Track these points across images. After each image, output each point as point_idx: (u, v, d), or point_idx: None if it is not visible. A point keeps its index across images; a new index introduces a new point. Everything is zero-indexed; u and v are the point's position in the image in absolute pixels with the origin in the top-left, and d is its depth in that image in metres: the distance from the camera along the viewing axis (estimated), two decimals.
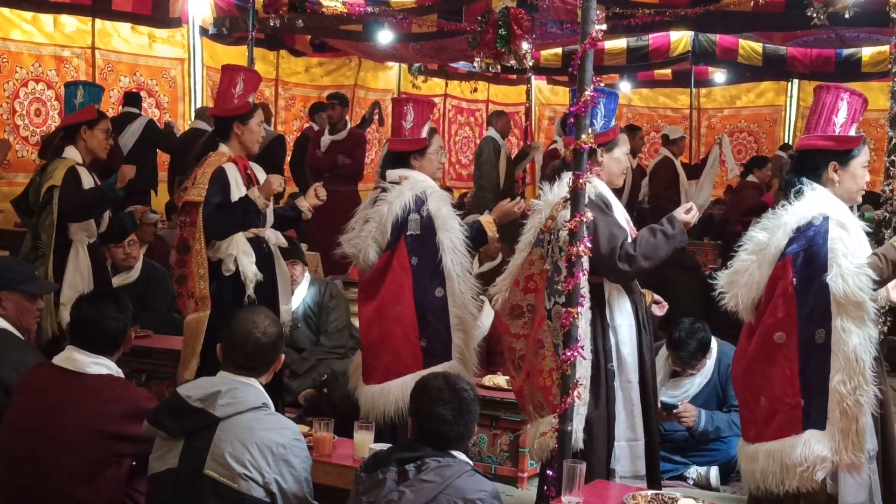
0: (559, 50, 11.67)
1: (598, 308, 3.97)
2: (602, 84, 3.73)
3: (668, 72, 13.34)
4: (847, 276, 3.30)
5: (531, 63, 8.82)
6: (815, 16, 6.12)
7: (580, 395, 3.63)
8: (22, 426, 3.42)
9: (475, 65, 7.30)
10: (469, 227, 4.57)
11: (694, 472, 5.22)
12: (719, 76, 13.33)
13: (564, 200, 3.74)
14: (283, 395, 5.42)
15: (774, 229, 3.46)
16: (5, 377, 3.64)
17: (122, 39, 9.69)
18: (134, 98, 9.20)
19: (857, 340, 3.30)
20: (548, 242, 3.92)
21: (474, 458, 4.88)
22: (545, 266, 3.91)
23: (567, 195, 3.67)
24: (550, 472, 3.60)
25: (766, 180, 9.63)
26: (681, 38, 11.38)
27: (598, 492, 3.58)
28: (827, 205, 3.44)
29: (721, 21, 8.20)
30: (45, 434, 3.36)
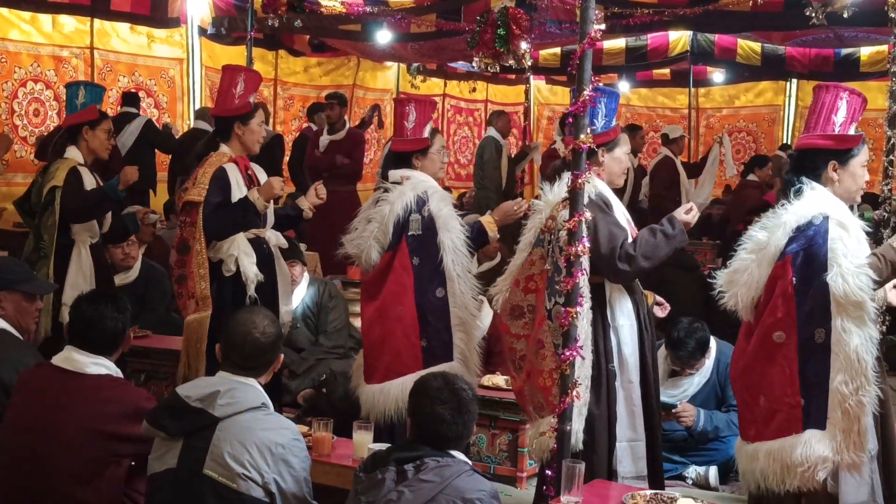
0: (558, 50, 11.68)
1: (600, 308, 3.97)
2: (601, 84, 3.73)
3: (666, 71, 13.34)
4: (847, 275, 3.29)
5: (530, 63, 8.81)
6: (813, 15, 6.12)
7: (579, 395, 3.63)
8: (21, 426, 3.42)
9: (474, 65, 7.29)
10: (470, 228, 4.57)
11: (693, 471, 5.22)
12: (718, 76, 13.32)
13: (564, 200, 3.74)
14: (281, 395, 5.41)
15: (774, 228, 3.45)
16: (5, 377, 3.65)
17: (120, 39, 9.67)
18: (132, 98, 9.20)
19: (859, 341, 3.30)
20: (548, 242, 3.91)
21: (473, 458, 4.88)
22: (545, 266, 3.90)
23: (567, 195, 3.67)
24: (549, 472, 3.59)
25: (766, 179, 9.62)
26: (679, 38, 11.38)
27: (598, 492, 3.57)
28: (827, 204, 3.44)
29: (720, 21, 8.20)
30: (45, 434, 3.36)
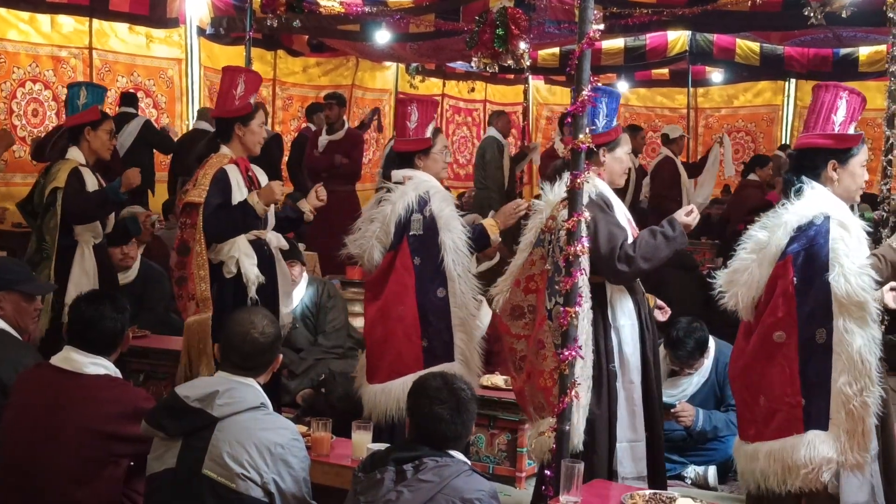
0: (557, 50, 11.68)
1: (600, 308, 3.96)
2: (600, 84, 3.73)
3: (665, 71, 13.34)
4: (850, 275, 3.28)
5: (529, 63, 8.82)
6: (812, 15, 6.13)
7: (578, 395, 3.62)
8: (20, 427, 3.42)
9: (473, 65, 7.28)
10: (472, 230, 4.58)
11: (692, 471, 5.22)
12: (717, 76, 13.32)
13: (564, 200, 3.74)
14: (280, 395, 5.41)
15: (775, 228, 3.44)
16: (4, 377, 3.64)
17: (119, 40, 9.67)
18: (130, 98, 9.20)
19: (862, 341, 3.28)
20: (548, 242, 3.91)
21: (472, 458, 4.88)
22: (546, 266, 3.90)
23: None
24: (548, 472, 3.59)
25: (767, 179, 9.60)
26: (678, 38, 11.38)
27: (597, 491, 3.57)
28: (827, 204, 3.42)
29: (718, 21, 8.20)
30: (44, 434, 3.35)
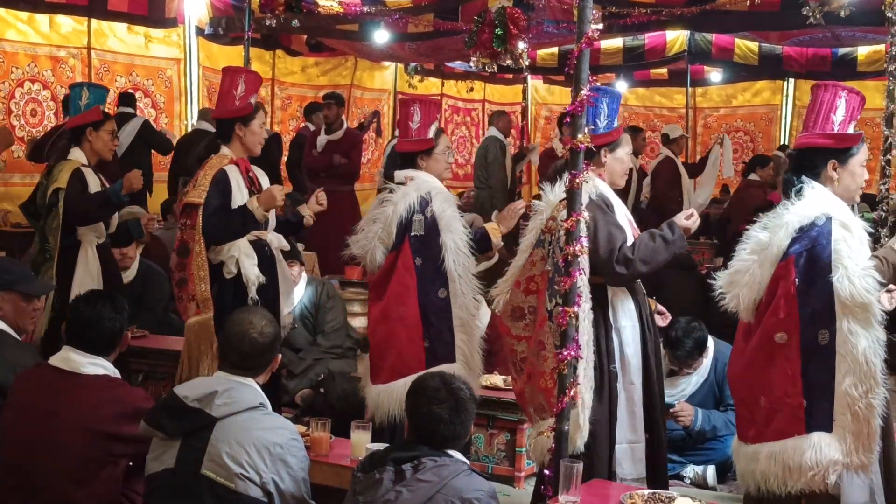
0: (555, 49, 11.68)
1: (602, 309, 3.96)
2: (598, 83, 3.72)
3: (664, 71, 13.33)
4: (854, 277, 3.26)
5: (527, 63, 8.81)
6: (810, 15, 6.13)
7: (577, 396, 3.61)
8: (19, 427, 3.42)
9: (471, 64, 7.27)
10: (474, 232, 4.59)
11: (691, 471, 5.22)
12: (715, 75, 13.32)
13: (562, 200, 3.73)
14: (280, 395, 5.41)
15: (776, 229, 3.41)
16: (2, 378, 3.64)
17: (118, 39, 9.67)
18: (128, 98, 9.19)
19: (867, 343, 3.26)
20: (549, 243, 3.90)
21: (471, 458, 4.88)
22: (546, 267, 3.89)
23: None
24: (548, 472, 3.59)
25: (768, 179, 9.59)
26: (677, 38, 11.37)
27: (596, 491, 3.57)
28: (828, 204, 3.40)
29: (717, 20, 8.20)
30: (42, 435, 3.35)
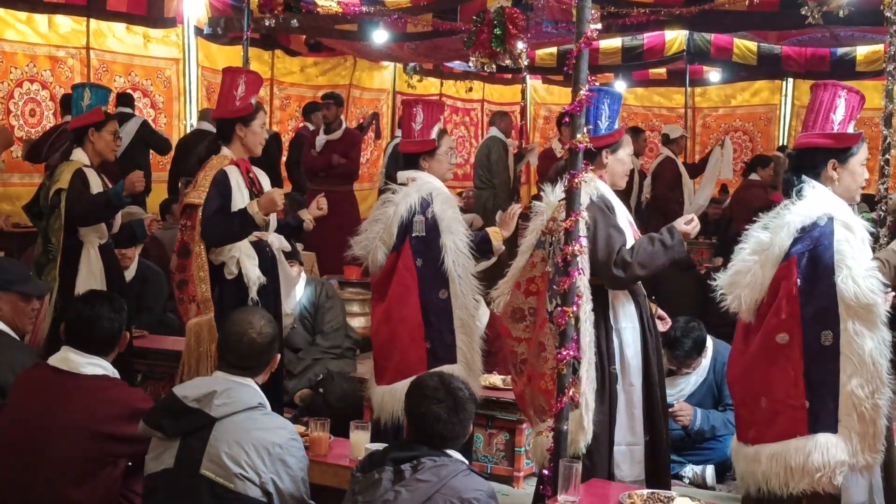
0: (554, 49, 11.66)
1: (602, 311, 3.95)
2: (597, 83, 3.71)
3: (662, 71, 13.32)
4: (858, 278, 3.24)
5: (526, 62, 8.81)
6: (809, 15, 6.13)
7: (576, 396, 3.61)
8: (17, 427, 3.42)
9: (470, 64, 7.28)
10: (475, 235, 4.59)
11: (690, 470, 5.22)
12: (714, 75, 13.31)
13: (561, 201, 3.73)
14: (282, 395, 5.40)
15: (777, 229, 3.39)
16: (1, 378, 3.64)
17: (116, 39, 9.66)
18: (126, 98, 9.18)
19: (872, 344, 3.25)
20: (549, 244, 3.89)
21: (471, 458, 4.88)
22: (547, 268, 3.88)
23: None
24: (546, 472, 3.59)
25: (770, 179, 9.58)
26: (676, 38, 11.37)
27: (595, 491, 3.57)
28: (830, 204, 3.39)
29: (716, 20, 8.20)
30: (41, 435, 3.35)
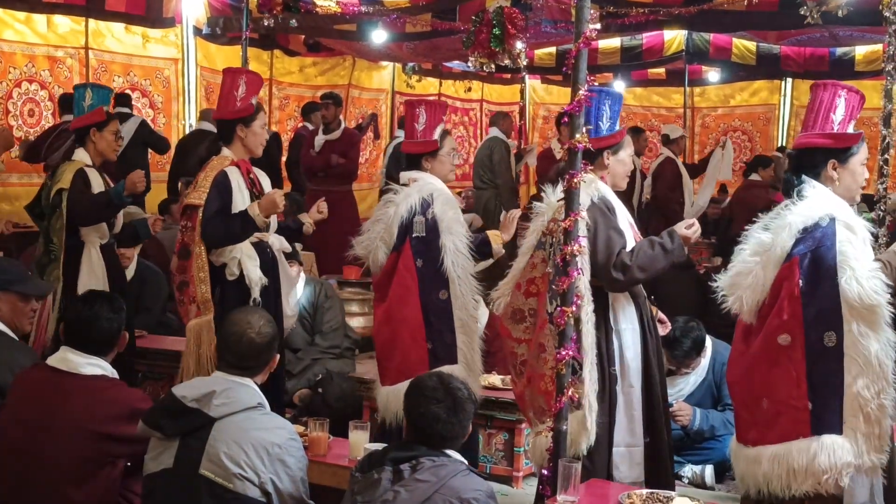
0: (553, 49, 11.66)
1: (602, 312, 3.95)
2: (596, 83, 3.71)
3: (661, 71, 13.31)
4: (861, 279, 3.23)
5: (525, 62, 8.81)
6: (808, 15, 6.13)
7: (575, 396, 3.60)
8: (16, 427, 3.42)
9: (469, 64, 7.28)
10: (475, 237, 4.60)
11: (689, 470, 5.22)
12: (713, 75, 13.31)
13: (560, 201, 3.73)
14: (282, 395, 5.40)
15: (779, 230, 3.37)
16: (0, 379, 3.64)
17: (115, 39, 9.66)
18: (124, 98, 9.17)
19: (878, 345, 3.23)
20: (550, 245, 3.89)
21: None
22: (547, 269, 3.87)
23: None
24: (546, 472, 3.59)
25: (771, 180, 9.58)
26: (675, 38, 11.36)
27: (594, 491, 3.57)
28: (831, 205, 3.37)
29: (715, 20, 8.19)
30: (40, 435, 3.35)
